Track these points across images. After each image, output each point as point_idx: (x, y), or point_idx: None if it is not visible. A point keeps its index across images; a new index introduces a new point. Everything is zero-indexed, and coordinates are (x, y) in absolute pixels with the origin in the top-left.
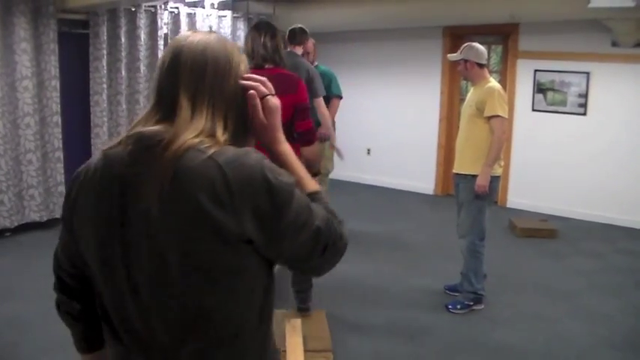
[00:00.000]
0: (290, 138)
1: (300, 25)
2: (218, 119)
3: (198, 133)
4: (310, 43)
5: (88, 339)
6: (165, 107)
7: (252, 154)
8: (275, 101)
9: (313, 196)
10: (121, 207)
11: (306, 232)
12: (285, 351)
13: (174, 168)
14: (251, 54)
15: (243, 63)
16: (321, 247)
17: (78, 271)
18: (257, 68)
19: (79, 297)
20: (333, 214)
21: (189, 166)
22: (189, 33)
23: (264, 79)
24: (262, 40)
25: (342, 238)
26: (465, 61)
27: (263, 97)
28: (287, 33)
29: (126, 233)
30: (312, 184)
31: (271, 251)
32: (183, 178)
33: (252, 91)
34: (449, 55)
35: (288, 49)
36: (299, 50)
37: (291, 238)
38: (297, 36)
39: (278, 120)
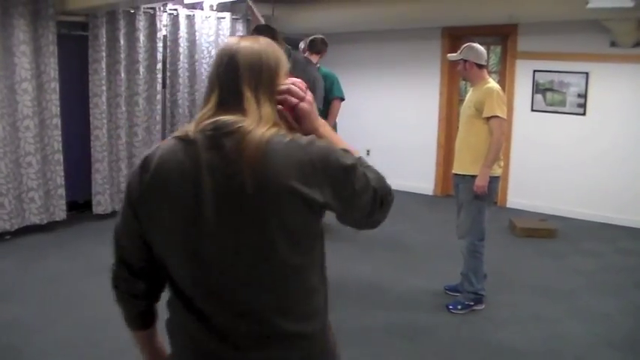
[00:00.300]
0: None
1: (321, 36)
2: (275, 109)
3: (273, 123)
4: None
5: (146, 317)
6: (230, 100)
7: (317, 139)
8: (305, 106)
9: (359, 161)
10: (207, 185)
11: (367, 194)
12: None
13: (264, 151)
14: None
15: (285, 62)
16: (378, 203)
17: (144, 252)
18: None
19: (144, 277)
20: (378, 173)
21: (276, 149)
22: (237, 38)
23: (293, 85)
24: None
25: (391, 193)
26: (465, 61)
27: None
28: (308, 41)
29: (213, 208)
30: (355, 152)
31: (344, 214)
32: (274, 159)
33: (279, 107)
34: (448, 55)
35: (305, 55)
36: (315, 58)
37: (358, 200)
38: (318, 45)
39: (313, 115)
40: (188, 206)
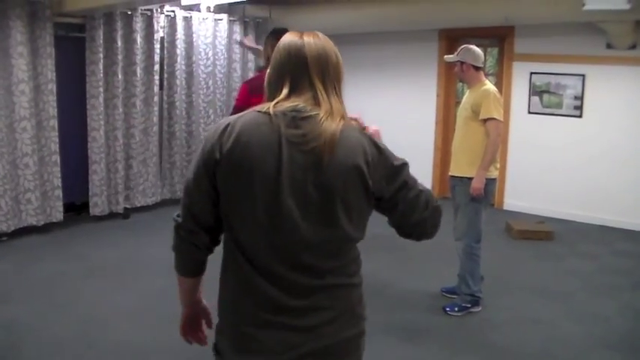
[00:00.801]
0: None
1: None
2: (341, 98)
3: (342, 116)
4: None
5: (200, 266)
6: (301, 88)
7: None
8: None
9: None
10: (285, 157)
11: (413, 190)
12: None
13: (339, 137)
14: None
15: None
16: (423, 203)
17: (212, 208)
18: None
19: (207, 230)
20: (425, 186)
21: (348, 136)
22: (299, 34)
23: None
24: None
25: (437, 201)
26: (462, 63)
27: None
28: None
29: (287, 173)
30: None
31: (390, 202)
32: (346, 144)
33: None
34: (445, 56)
35: None
36: None
37: (405, 192)
38: None
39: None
40: (266, 173)
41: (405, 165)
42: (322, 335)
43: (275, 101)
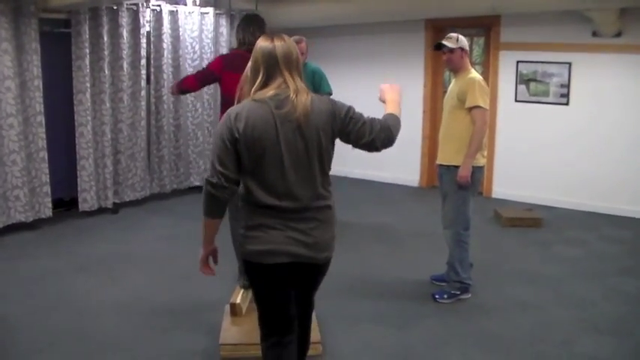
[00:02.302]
0: None
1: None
2: (302, 80)
3: (306, 91)
4: (304, 44)
5: (223, 209)
6: (272, 79)
7: (336, 100)
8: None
9: (388, 115)
10: (278, 127)
11: (359, 123)
12: None
13: (310, 107)
14: (242, 40)
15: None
16: (368, 129)
17: (237, 168)
18: (247, 52)
19: (232, 183)
20: (387, 124)
21: (317, 103)
22: (269, 38)
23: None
24: (251, 29)
25: (386, 124)
26: (461, 49)
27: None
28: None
29: (282, 140)
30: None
31: (345, 134)
32: (316, 110)
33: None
34: (444, 41)
35: None
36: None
37: (352, 125)
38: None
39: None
40: (270, 139)
41: (350, 108)
42: (311, 235)
43: (253, 90)
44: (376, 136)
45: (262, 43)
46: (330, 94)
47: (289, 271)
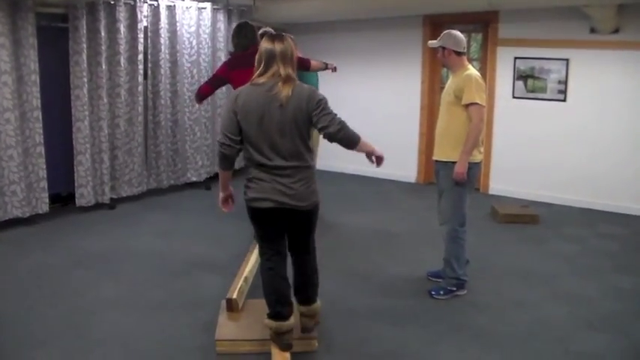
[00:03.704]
0: None
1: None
2: (294, 73)
3: (292, 80)
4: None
5: (232, 162)
6: (271, 69)
7: (316, 90)
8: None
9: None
10: (268, 105)
11: (329, 115)
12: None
13: (293, 90)
14: (239, 44)
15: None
16: (336, 122)
17: (239, 132)
18: (245, 51)
19: (236, 143)
20: (343, 122)
21: (299, 89)
22: (272, 39)
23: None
24: (243, 33)
25: (345, 125)
26: (443, 48)
27: None
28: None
29: (269, 114)
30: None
31: (316, 120)
32: (296, 94)
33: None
34: (429, 42)
35: None
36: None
37: (323, 115)
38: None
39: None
40: (261, 113)
41: (323, 99)
42: (292, 188)
43: (255, 78)
44: (331, 127)
45: (266, 44)
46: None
47: (278, 215)
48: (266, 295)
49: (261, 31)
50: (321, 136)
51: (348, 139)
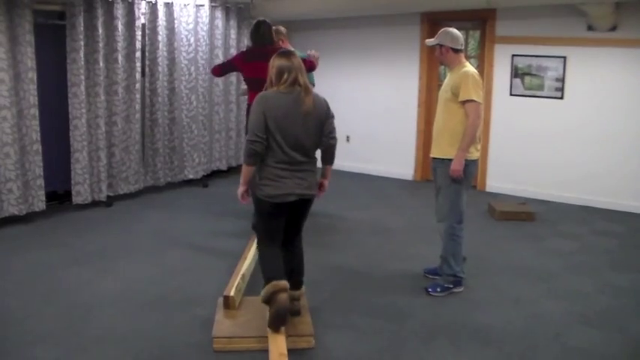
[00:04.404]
0: None
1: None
2: (307, 80)
3: (311, 90)
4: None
5: (258, 158)
6: (293, 80)
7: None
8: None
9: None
10: (293, 109)
11: (333, 125)
12: (266, 337)
13: (314, 99)
14: (256, 40)
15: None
16: (335, 131)
17: (265, 130)
18: (262, 46)
19: (263, 140)
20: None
21: (318, 99)
22: (288, 56)
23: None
24: (261, 30)
25: (335, 141)
26: (441, 46)
27: None
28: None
29: (295, 118)
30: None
31: (326, 128)
32: (317, 103)
33: None
34: (426, 40)
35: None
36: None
37: (330, 124)
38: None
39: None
40: (288, 116)
41: (332, 115)
42: (306, 180)
43: (278, 86)
44: (333, 138)
45: (282, 61)
46: (313, 85)
47: (294, 205)
48: (263, 266)
49: (274, 28)
50: None
51: (334, 154)
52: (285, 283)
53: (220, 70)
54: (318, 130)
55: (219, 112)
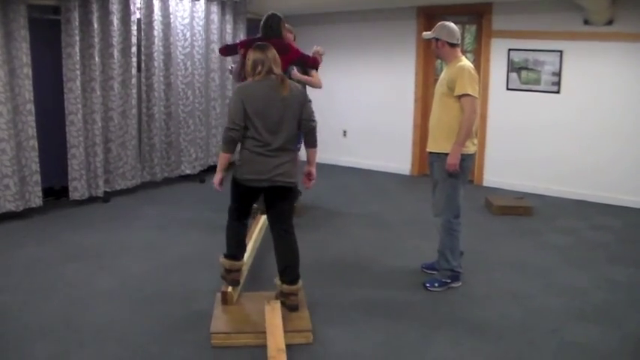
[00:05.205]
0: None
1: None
2: (280, 71)
3: (286, 80)
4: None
5: (234, 146)
6: (265, 70)
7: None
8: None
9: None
10: (270, 96)
11: (311, 110)
12: (264, 332)
13: (290, 88)
14: (266, 32)
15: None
16: (313, 115)
17: (243, 119)
18: (269, 39)
19: (240, 129)
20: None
21: (293, 87)
22: (261, 51)
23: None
24: (269, 23)
25: (315, 120)
26: (437, 40)
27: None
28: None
29: (272, 105)
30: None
31: (304, 112)
32: (293, 92)
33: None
34: (423, 33)
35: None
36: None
37: (308, 108)
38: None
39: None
40: (265, 104)
41: (310, 100)
42: (282, 167)
43: (255, 76)
44: (312, 120)
45: (258, 54)
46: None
47: (266, 190)
48: (227, 239)
49: (287, 26)
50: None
51: (315, 136)
52: (240, 263)
53: (227, 51)
54: (295, 114)
55: (215, 107)
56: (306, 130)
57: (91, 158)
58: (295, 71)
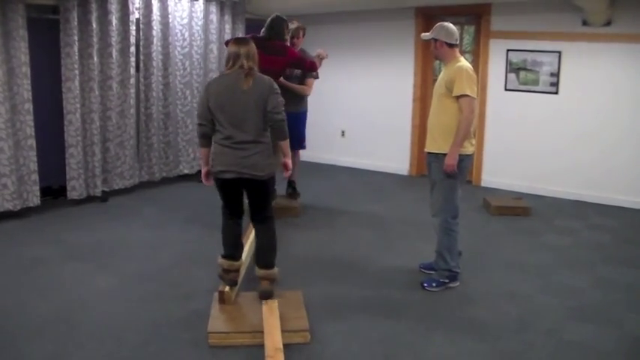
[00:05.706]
0: (287, 78)
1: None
2: (256, 67)
3: (254, 71)
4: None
5: (208, 140)
6: (237, 65)
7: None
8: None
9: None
10: (234, 89)
11: (278, 101)
12: (262, 332)
13: (254, 79)
14: (269, 34)
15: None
16: (280, 107)
17: (210, 114)
18: (272, 41)
19: (209, 123)
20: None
21: (259, 79)
22: (237, 45)
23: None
24: (271, 25)
25: (282, 113)
26: (435, 40)
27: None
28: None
29: (235, 98)
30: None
31: (268, 104)
32: (258, 82)
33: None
34: (422, 34)
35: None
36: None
37: (274, 100)
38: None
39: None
40: (228, 97)
41: (278, 93)
42: (249, 158)
43: (226, 69)
44: (275, 112)
45: (234, 48)
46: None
47: (239, 183)
48: (223, 239)
49: (295, 26)
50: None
51: (283, 129)
52: (239, 263)
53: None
54: (259, 106)
55: (198, 101)
56: (271, 123)
57: (89, 158)
58: (282, 78)
